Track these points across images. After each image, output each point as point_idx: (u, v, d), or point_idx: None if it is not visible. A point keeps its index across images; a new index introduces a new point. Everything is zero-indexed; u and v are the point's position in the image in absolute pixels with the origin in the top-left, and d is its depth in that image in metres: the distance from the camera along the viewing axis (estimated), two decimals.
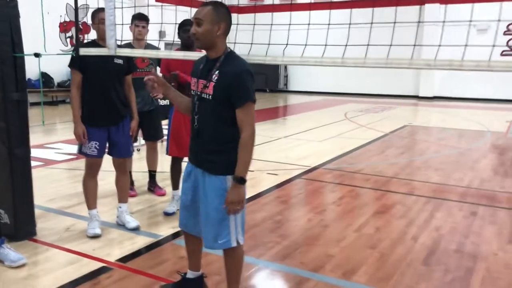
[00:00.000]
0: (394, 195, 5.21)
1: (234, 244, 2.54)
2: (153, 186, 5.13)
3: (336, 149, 7.74)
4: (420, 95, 18.58)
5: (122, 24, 3.55)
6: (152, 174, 5.13)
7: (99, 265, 3.29)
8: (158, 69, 4.62)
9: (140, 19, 4.67)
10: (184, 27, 4.09)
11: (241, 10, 20.10)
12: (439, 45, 2.31)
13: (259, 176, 5.93)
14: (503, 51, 15.81)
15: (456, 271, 3.30)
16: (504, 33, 16.04)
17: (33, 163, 3.93)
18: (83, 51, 3.48)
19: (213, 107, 2.45)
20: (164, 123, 4.96)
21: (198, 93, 2.50)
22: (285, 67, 21.16)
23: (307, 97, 18.85)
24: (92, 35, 3.85)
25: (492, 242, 3.86)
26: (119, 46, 3.78)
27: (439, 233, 4.04)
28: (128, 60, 3.90)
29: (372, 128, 10.26)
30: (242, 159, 2.40)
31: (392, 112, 13.86)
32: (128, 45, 4.53)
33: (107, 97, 3.72)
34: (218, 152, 2.47)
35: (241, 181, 2.40)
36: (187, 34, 4.03)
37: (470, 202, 4.97)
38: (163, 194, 5.01)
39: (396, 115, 12.99)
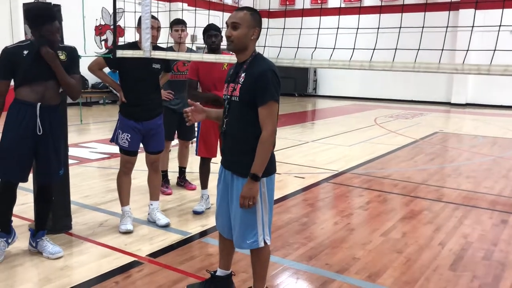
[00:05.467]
0: (422, 201, 5.17)
1: (261, 244, 2.60)
2: (183, 181, 5.40)
3: (364, 154, 7.72)
4: (453, 101, 18.23)
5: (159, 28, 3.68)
6: (182, 170, 5.41)
7: (130, 259, 3.41)
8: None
9: (177, 23, 4.93)
10: (208, 32, 4.19)
11: (271, 14, 20.24)
12: (467, 50, 2.32)
13: (286, 178, 5.98)
14: None
15: (483, 278, 3.27)
16: None
17: (69, 161, 4.11)
18: (120, 53, 3.63)
19: (240, 109, 2.53)
20: None
21: (228, 96, 2.60)
22: (315, 72, 21.12)
23: (337, 102, 18.78)
24: (128, 38, 4.02)
25: None
26: (164, 49, 3.98)
27: (467, 240, 4.00)
28: (165, 61, 4.06)
29: (402, 134, 10.15)
30: (258, 157, 2.45)
31: (423, 118, 13.66)
32: (170, 49, 4.74)
33: (144, 98, 3.89)
34: (245, 154, 2.52)
35: (254, 177, 2.45)
36: (211, 39, 4.16)
37: (500, 210, 4.89)
38: (194, 189, 5.26)
39: (427, 122, 12.80)
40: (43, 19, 3.13)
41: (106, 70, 4.01)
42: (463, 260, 3.58)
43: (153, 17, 3.78)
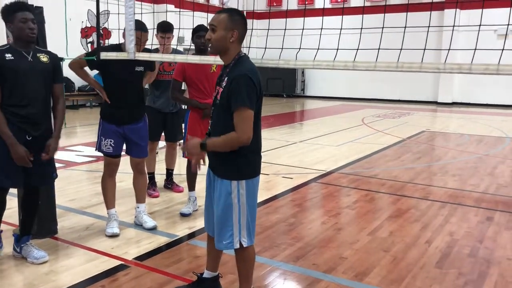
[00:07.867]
0: (409, 200, 5.20)
1: (236, 246, 2.60)
2: (170, 183, 5.37)
3: (352, 154, 7.76)
4: (439, 101, 18.41)
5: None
6: (169, 172, 5.37)
7: (117, 262, 3.39)
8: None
9: (164, 31, 4.77)
10: (197, 32, 4.17)
11: (259, 15, 20.27)
12: (449, 49, 2.34)
13: (274, 179, 5.99)
14: None
15: (469, 275, 3.31)
16: None
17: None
18: (104, 55, 3.61)
19: (221, 112, 2.53)
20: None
21: (214, 99, 2.61)
22: (302, 72, 21.18)
23: (325, 102, 18.84)
24: (112, 40, 3.99)
25: (507, 247, 3.84)
26: (149, 50, 3.94)
27: (453, 237, 4.03)
28: (149, 63, 4.03)
29: (389, 134, 10.22)
30: (219, 140, 2.47)
31: (410, 117, 13.77)
32: (156, 50, 4.68)
33: (126, 100, 3.85)
34: (224, 157, 2.52)
35: (202, 146, 2.49)
36: (201, 40, 4.13)
37: (486, 208, 4.94)
38: (181, 191, 5.22)
39: (414, 121, 12.90)
40: (13, 8, 3.09)
41: (92, 74, 3.97)
42: (449, 257, 3.61)
43: (142, 29, 3.74)
